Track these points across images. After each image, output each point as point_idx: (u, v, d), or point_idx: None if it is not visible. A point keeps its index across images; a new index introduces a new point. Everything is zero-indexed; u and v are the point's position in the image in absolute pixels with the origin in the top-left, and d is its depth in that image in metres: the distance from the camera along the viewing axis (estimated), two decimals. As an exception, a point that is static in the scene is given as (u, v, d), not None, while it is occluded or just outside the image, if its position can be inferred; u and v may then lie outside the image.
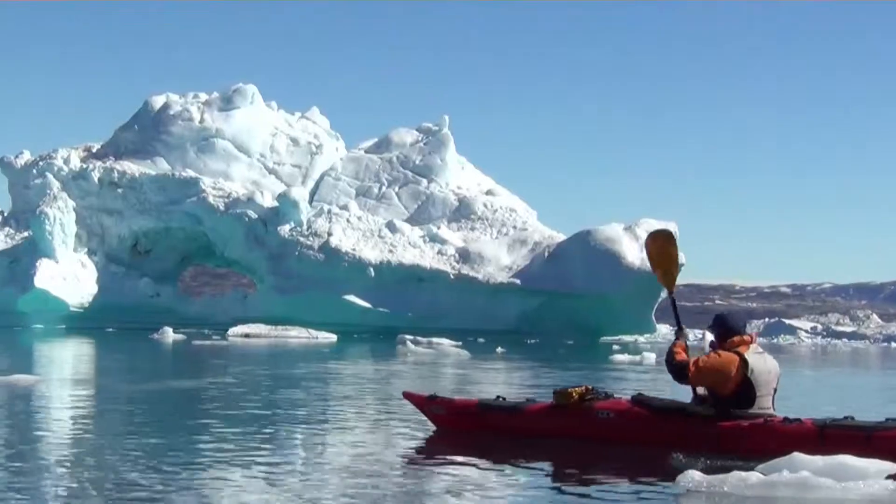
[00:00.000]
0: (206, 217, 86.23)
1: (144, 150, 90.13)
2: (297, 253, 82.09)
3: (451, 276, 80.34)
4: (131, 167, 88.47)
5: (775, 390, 11.68)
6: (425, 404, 13.74)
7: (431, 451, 12.06)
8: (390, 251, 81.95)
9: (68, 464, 10.41)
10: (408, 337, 53.24)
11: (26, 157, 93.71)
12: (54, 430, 13.44)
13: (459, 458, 11.04)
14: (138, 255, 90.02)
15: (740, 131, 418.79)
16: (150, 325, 76.63)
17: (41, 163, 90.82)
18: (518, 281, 79.95)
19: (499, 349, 47.07)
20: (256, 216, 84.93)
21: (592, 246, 78.81)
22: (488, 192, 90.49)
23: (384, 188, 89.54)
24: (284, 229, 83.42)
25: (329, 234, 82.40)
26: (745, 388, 11.34)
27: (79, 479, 9.53)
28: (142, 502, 8.56)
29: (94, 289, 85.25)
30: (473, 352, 43.50)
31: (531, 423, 12.57)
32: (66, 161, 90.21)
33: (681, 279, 68.29)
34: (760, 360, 11.48)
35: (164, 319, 78.82)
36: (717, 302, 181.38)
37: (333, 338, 63.70)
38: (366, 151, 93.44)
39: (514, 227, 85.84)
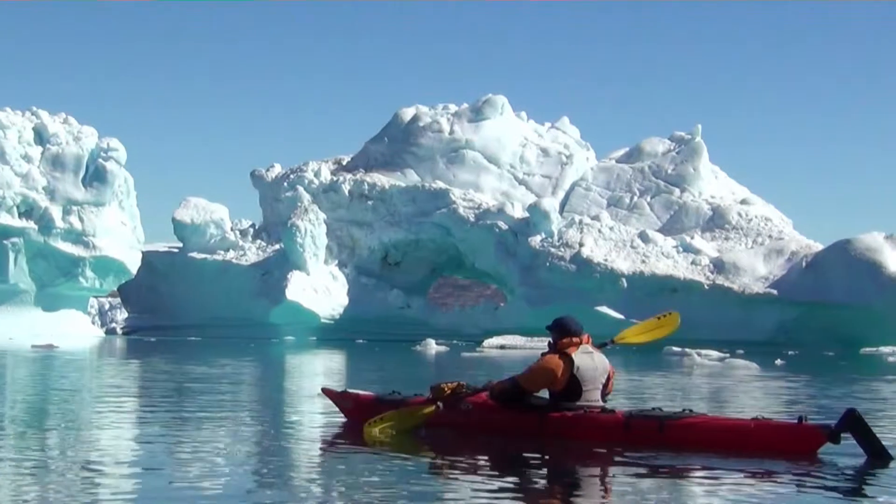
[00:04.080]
0: (456, 228, 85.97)
1: (394, 162, 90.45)
2: (548, 264, 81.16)
3: (706, 287, 78.51)
4: (381, 179, 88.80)
5: (605, 385, 13.07)
6: (338, 399, 15.20)
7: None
8: (643, 261, 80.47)
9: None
10: (673, 349, 51.80)
11: (277, 170, 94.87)
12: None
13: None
14: (388, 267, 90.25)
15: None
16: (401, 337, 76.81)
17: (292, 176, 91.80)
18: (775, 291, 77.83)
19: (777, 361, 45.30)
20: (507, 227, 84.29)
21: (852, 255, 76.59)
22: (742, 202, 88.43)
23: (636, 198, 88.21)
24: (535, 240, 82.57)
25: (580, 245, 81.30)
26: (572, 384, 12.84)
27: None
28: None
29: (344, 301, 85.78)
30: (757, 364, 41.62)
31: None
32: (317, 174, 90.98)
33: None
34: (588, 359, 12.94)
35: (414, 331, 79.09)
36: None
37: (590, 349, 62.30)
38: (617, 161, 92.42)
39: (770, 237, 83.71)
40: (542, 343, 63.41)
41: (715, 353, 50.62)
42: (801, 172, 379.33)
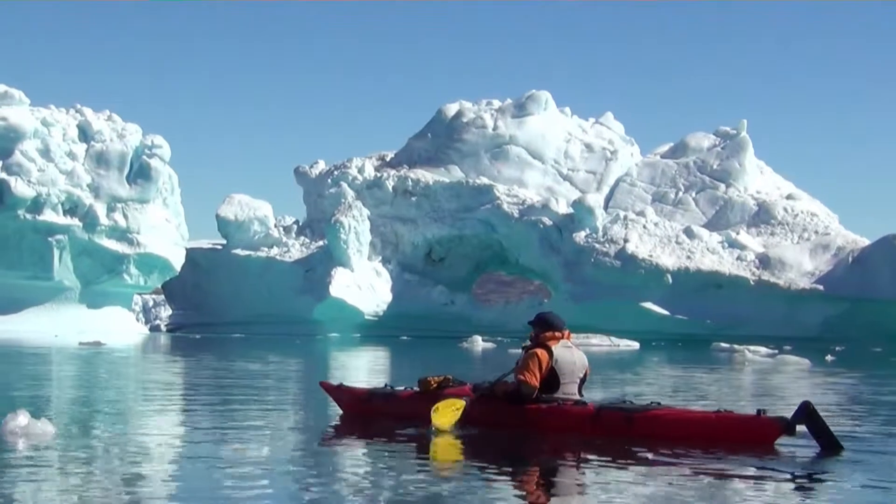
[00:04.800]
0: (500, 224, 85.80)
1: (438, 157, 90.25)
2: (592, 260, 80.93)
3: (751, 282, 78.18)
4: (425, 175, 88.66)
5: (583, 379, 13.42)
6: (335, 392, 15.69)
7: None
8: (688, 257, 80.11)
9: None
10: (721, 345, 51.43)
11: (321, 166, 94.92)
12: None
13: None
14: (432, 263, 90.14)
15: None
16: (444, 334, 76.65)
17: (336, 172, 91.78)
18: (821, 287, 77.43)
19: (828, 357, 44.74)
20: (551, 223, 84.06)
21: (899, 250, 76.11)
22: (788, 197, 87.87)
23: (681, 193, 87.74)
24: (580, 236, 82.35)
25: (625, 241, 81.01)
26: (550, 376, 13.12)
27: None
28: None
29: (388, 297, 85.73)
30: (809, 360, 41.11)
31: (400, 407, 14.39)
32: (361, 170, 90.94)
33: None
34: (567, 353, 13.26)
35: (457, 327, 79.03)
36: None
37: (636, 345, 62.05)
38: (661, 156, 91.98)
39: (816, 232, 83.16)
40: (586, 339, 63.09)
41: (763, 350, 50.18)
42: (847, 167, 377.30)
